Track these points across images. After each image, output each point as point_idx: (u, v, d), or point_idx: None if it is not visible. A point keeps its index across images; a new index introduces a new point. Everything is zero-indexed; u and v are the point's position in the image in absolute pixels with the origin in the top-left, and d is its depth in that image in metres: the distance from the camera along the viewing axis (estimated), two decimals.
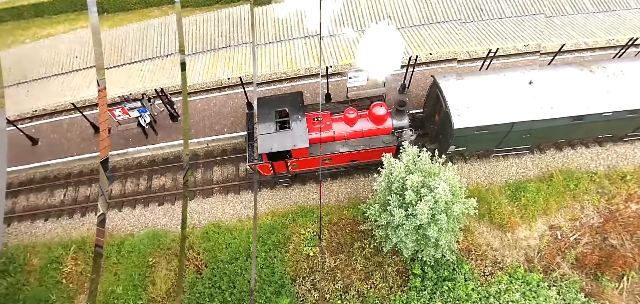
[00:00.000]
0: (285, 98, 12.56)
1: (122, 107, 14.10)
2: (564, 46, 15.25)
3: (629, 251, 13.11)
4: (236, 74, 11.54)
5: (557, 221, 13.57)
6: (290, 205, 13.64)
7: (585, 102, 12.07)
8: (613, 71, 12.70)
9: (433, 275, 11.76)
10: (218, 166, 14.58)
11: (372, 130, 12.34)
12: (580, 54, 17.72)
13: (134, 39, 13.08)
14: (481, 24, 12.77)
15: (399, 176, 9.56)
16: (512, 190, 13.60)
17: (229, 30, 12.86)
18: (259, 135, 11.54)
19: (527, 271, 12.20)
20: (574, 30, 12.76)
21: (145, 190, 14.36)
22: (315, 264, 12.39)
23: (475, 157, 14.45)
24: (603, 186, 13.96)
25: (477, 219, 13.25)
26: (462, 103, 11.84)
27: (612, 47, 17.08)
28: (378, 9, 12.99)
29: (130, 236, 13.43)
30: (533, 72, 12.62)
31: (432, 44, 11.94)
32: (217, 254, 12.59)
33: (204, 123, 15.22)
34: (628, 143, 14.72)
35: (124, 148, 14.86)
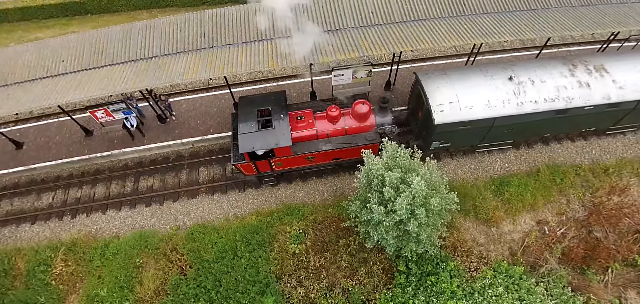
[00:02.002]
0: (268, 97, 12.61)
1: (105, 109, 14.13)
2: (550, 40, 15.36)
3: (613, 243, 13.20)
4: (218, 74, 11.56)
5: (545, 216, 13.66)
6: (276, 204, 13.68)
7: (566, 97, 12.14)
8: (594, 66, 12.76)
9: (417, 271, 11.82)
10: (204, 166, 14.62)
11: (356, 128, 12.39)
12: (568, 49, 17.84)
13: (116, 41, 13.06)
14: (463, 20, 12.80)
15: (378, 173, 9.60)
16: (496, 185, 13.67)
17: (212, 31, 12.87)
18: (240, 134, 11.58)
19: (510, 265, 12.25)
20: (557, 25, 12.79)
21: (131, 191, 14.39)
22: (301, 262, 12.44)
23: (461, 153, 14.52)
24: (587, 180, 14.05)
25: (463, 215, 13.32)
26: (444, 100, 11.89)
27: (598, 41, 17.16)
28: (360, 6, 13.02)
29: (115, 238, 13.45)
30: (515, 67, 12.68)
31: (413, 40, 11.97)
32: (203, 254, 12.63)
33: (189, 123, 15.26)
34: (610, 137, 14.83)
35: (109, 150, 14.87)
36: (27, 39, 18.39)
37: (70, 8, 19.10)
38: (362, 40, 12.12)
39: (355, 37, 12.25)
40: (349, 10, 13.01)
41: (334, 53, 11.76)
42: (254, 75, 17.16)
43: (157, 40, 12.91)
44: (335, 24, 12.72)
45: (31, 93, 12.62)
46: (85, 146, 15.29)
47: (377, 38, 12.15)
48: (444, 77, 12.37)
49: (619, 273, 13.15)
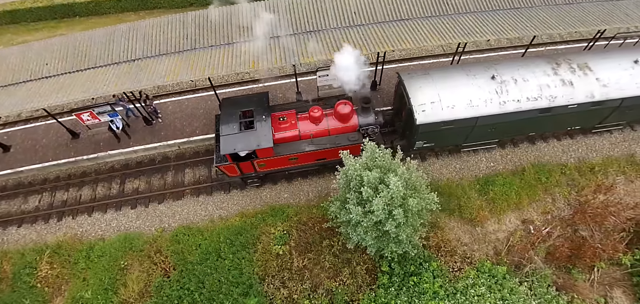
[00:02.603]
0: (250, 98, 12.61)
1: (90, 111, 14.14)
2: (536, 39, 15.34)
3: (598, 242, 13.15)
4: (199, 76, 11.56)
5: (530, 215, 13.63)
6: (261, 205, 13.68)
7: (549, 95, 12.11)
8: (578, 64, 12.73)
9: (400, 271, 11.81)
10: (190, 168, 14.62)
11: (338, 128, 12.38)
12: (555, 47, 17.79)
13: (100, 44, 13.06)
14: (446, 19, 12.77)
15: (356, 173, 9.59)
16: (481, 184, 13.65)
17: (195, 32, 12.86)
18: (222, 135, 11.58)
19: (494, 265, 12.23)
20: (540, 23, 12.74)
21: (117, 193, 14.41)
22: (284, 263, 12.44)
23: (446, 153, 14.49)
24: (573, 179, 14.02)
25: (448, 214, 13.31)
26: (426, 99, 11.87)
27: (585, 39, 17.11)
28: (343, 6, 13.00)
29: (100, 240, 13.46)
30: (498, 66, 12.66)
31: (394, 40, 11.96)
32: (187, 256, 12.64)
33: (175, 125, 15.27)
34: (597, 135, 14.78)
35: (95, 153, 14.89)
36: (15, 41, 18.43)
37: (59, 11, 19.12)
38: (344, 41, 12.11)
39: (337, 38, 12.23)
40: (332, 10, 13.00)
41: (315, 54, 11.76)
42: (241, 76, 17.16)
43: (140, 43, 12.92)
44: (318, 25, 12.71)
45: (14, 97, 12.63)
46: (71, 148, 15.32)
47: (358, 38, 12.14)
48: (426, 77, 12.36)
49: (605, 272, 13.13)
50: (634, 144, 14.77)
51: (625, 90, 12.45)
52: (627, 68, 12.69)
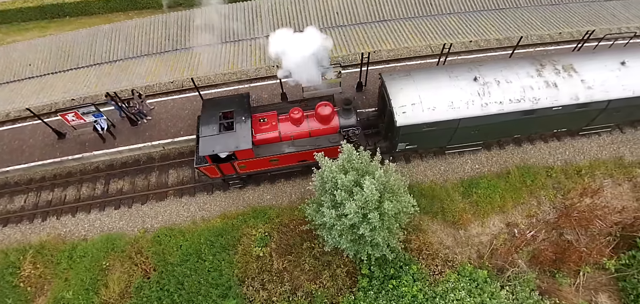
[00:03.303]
0: (231, 99, 12.56)
1: (75, 112, 14.19)
2: (524, 40, 15.17)
3: (584, 245, 12.98)
4: (178, 77, 11.53)
5: (514, 218, 13.48)
6: (244, 206, 13.64)
7: (532, 97, 11.95)
8: (563, 65, 12.56)
9: (380, 274, 11.71)
10: (174, 169, 14.61)
11: (319, 130, 12.30)
12: (545, 48, 17.60)
13: (82, 44, 13.08)
14: (429, 20, 12.64)
15: (330, 176, 9.51)
16: (465, 186, 13.51)
17: (177, 33, 12.83)
18: (201, 137, 11.54)
19: (475, 268, 12.10)
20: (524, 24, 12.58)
21: (101, 194, 14.42)
22: (264, 265, 12.38)
23: (431, 154, 14.37)
24: (559, 181, 13.85)
25: (431, 217, 13.20)
26: (407, 101, 11.77)
27: (575, 40, 16.91)
28: (325, 7, 12.92)
29: (83, 241, 13.48)
30: (481, 68, 12.52)
31: (376, 41, 11.85)
32: (167, 257, 12.63)
33: (160, 126, 15.26)
34: (585, 137, 14.59)
35: (80, 153, 14.92)
36: (5, 42, 18.52)
37: (49, 11, 19.21)
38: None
39: None
40: (314, 11, 12.91)
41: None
42: (228, 76, 17.13)
43: (123, 44, 12.91)
44: (300, 25, 12.61)
45: None
46: (57, 149, 15.36)
47: (340, 39, 12.04)
48: (408, 78, 12.25)
49: (591, 276, 12.96)
50: (623, 147, 14.56)
51: (611, 92, 12.27)
52: (614, 69, 12.51)
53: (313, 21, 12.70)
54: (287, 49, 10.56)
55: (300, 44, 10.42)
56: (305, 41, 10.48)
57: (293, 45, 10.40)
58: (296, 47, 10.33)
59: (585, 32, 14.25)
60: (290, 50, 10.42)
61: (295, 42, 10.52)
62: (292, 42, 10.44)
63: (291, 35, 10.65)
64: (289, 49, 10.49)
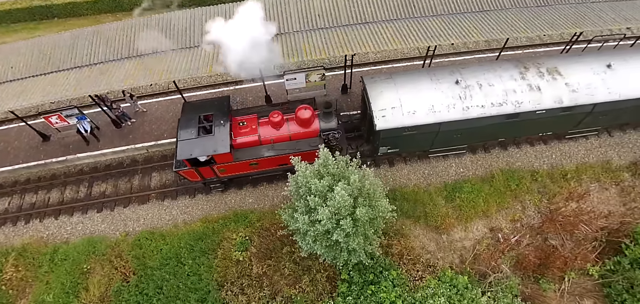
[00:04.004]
0: (211, 102, 12.48)
1: (58, 114, 14.16)
2: (514, 41, 15.00)
3: (569, 251, 12.82)
4: (156, 80, 11.47)
5: (498, 223, 13.32)
6: (225, 209, 13.56)
7: (515, 101, 11.78)
8: (547, 68, 12.38)
9: (359, 280, 11.59)
10: (157, 172, 14.56)
11: (300, 133, 12.19)
12: (534, 50, 17.41)
13: (64, 47, 13.03)
14: (411, 22, 12.47)
15: (304, 180, 9.40)
16: (449, 190, 13.36)
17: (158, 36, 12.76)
18: (179, 141, 11.47)
19: (456, 274, 11.96)
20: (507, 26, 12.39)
21: (84, 196, 14.39)
22: (244, 269, 12.30)
23: (415, 158, 14.22)
24: (545, 185, 13.68)
25: (413, 221, 13.07)
26: (387, 105, 11.64)
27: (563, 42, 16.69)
28: (307, 9, 12.79)
29: (65, 243, 13.46)
30: (463, 71, 12.36)
31: (356, 43, 11.72)
32: (147, 261, 12.57)
33: (144, 128, 15.21)
34: (572, 140, 14.40)
35: (64, 156, 14.90)
36: None
37: (38, 12, 19.22)
38: (304, 44, 11.91)
39: (298, 41, 12.03)
40: (296, 13, 12.79)
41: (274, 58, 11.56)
42: (214, 78, 17.04)
43: (103, 46, 12.85)
44: (281, 28, 12.50)
45: None
46: (42, 151, 15.34)
47: (320, 42, 11.93)
48: (389, 81, 12.11)
49: (576, 282, 12.79)
50: (611, 150, 14.37)
51: (596, 96, 12.08)
52: (599, 72, 12.32)
53: (294, 23, 12.61)
54: (223, 38, 9.45)
55: (235, 31, 9.20)
56: (241, 26, 9.20)
57: (228, 32, 9.22)
58: (231, 35, 9.15)
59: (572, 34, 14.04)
60: (226, 39, 9.27)
61: (230, 29, 9.27)
62: (227, 30, 9.24)
63: (227, 22, 9.44)
64: (224, 38, 9.34)
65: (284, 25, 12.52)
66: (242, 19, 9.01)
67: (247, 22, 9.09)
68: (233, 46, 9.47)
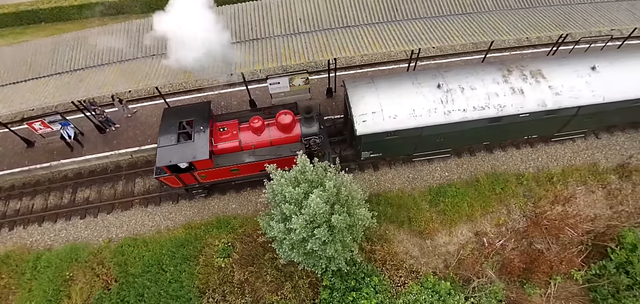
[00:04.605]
0: (192, 108, 12.39)
1: (41, 120, 14.11)
2: (502, 43, 14.87)
3: (555, 255, 12.72)
4: (134, 87, 11.37)
5: (483, 227, 13.21)
6: (209, 215, 13.47)
7: (497, 104, 11.65)
8: (530, 71, 12.26)
9: (341, 286, 11.49)
10: (141, 178, 14.47)
11: (281, 139, 12.09)
12: (521, 51, 17.27)
13: (45, 53, 12.96)
14: (393, 26, 12.36)
15: (279, 188, 9.31)
16: (433, 194, 13.25)
17: (140, 41, 12.68)
18: (158, 147, 11.38)
19: (439, 279, 11.85)
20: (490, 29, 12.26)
21: (68, 203, 14.32)
22: (226, 276, 12.22)
23: (400, 162, 14.11)
24: (531, 189, 13.56)
25: (397, 226, 12.96)
26: (367, 109, 11.53)
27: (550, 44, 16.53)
28: (289, 13, 12.69)
29: (48, 250, 13.39)
30: (446, 74, 12.24)
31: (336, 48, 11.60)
32: (129, 268, 12.50)
33: (128, 133, 15.13)
34: (558, 143, 14.26)
35: (49, 162, 14.83)
36: None
37: (25, 17, 19.17)
38: (284, 49, 11.81)
39: (278, 46, 11.92)
40: (277, 17, 12.69)
41: (253, 64, 11.47)
42: (200, 83, 16.93)
43: (84, 52, 12.78)
44: (262, 32, 12.41)
45: None
46: (26, 157, 15.28)
47: (300, 46, 11.81)
48: (370, 86, 12.00)
49: (562, 286, 12.70)
50: (598, 152, 14.24)
51: (580, 99, 11.94)
52: (583, 75, 12.18)
53: (276, 28, 12.50)
54: (169, 30, 9.13)
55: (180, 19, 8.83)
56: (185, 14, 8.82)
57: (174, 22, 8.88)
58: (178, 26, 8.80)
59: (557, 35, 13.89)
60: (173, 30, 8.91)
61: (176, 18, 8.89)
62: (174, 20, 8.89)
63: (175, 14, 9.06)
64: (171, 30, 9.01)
65: (265, 30, 12.42)
66: (187, 9, 8.62)
67: (192, 11, 8.83)
68: (182, 39, 9.18)
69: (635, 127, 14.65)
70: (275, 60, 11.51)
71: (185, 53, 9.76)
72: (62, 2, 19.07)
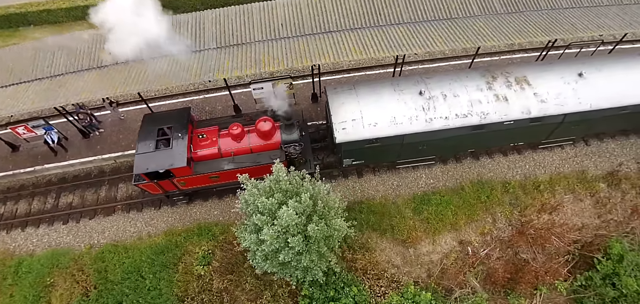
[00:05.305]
0: (171, 114, 12.28)
1: (25, 125, 14.07)
2: (482, 47, 14.58)
3: (541, 264, 12.47)
4: (112, 93, 11.28)
5: (468, 236, 12.99)
6: (190, 222, 13.36)
7: (480, 112, 11.42)
8: (515, 78, 12.01)
9: (320, 296, 11.34)
10: (124, 183, 14.39)
11: (261, 146, 11.95)
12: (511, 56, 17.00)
13: (26, 59, 12.90)
14: (375, 31, 12.15)
15: (252, 198, 9.17)
16: (417, 202, 13.05)
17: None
18: (136, 154, 11.28)
19: (420, 289, 11.66)
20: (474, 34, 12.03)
21: (51, 208, 14.28)
22: (205, 284, 12.11)
23: (384, 169, 13.91)
24: (517, 197, 13.31)
25: (380, 235, 12.78)
26: (347, 117, 11.35)
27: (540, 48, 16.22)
28: (270, 18, 12.53)
29: (30, 256, 13.36)
30: (428, 81, 12.03)
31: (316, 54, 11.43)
32: (109, 274, 12.43)
33: (112, 138, 15.06)
34: (547, 150, 13.99)
35: (33, 166, 14.80)
36: None
37: (13, 19, 19.15)
38: (264, 55, 11.66)
39: (258, 52, 11.77)
40: (258, 22, 12.54)
41: (232, 70, 11.33)
42: (185, 87, 16.82)
43: (65, 58, 12.69)
44: (243, 38, 12.26)
45: None
46: (10, 162, 15.25)
47: (279, 52, 11.66)
48: (351, 92, 11.82)
49: (548, 297, 12.45)
50: (587, 160, 13.95)
51: (566, 106, 11.68)
52: (570, 82, 11.92)
53: (257, 33, 12.35)
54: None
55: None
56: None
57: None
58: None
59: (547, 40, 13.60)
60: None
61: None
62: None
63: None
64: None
65: (246, 35, 12.27)
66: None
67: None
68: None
69: (626, 134, 14.36)
70: (254, 66, 11.35)
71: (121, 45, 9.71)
72: (50, 5, 19.03)
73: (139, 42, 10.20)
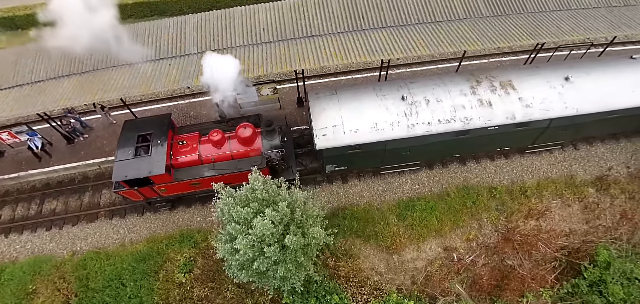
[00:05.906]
0: (152, 121, 12.16)
1: (8, 131, 14.00)
2: (466, 53, 14.45)
3: (528, 271, 12.30)
4: (90, 100, 11.16)
5: (453, 242, 12.81)
6: (173, 228, 13.24)
7: (463, 117, 11.24)
8: (500, 82, 11.82)
9: None
10: (107, 189, 14.28)
11: (242, 152, 11.81)
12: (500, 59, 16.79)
13: (7, 64, 12.81)
14: (358, 35, 11.98)
15: (226, 207, 9.02)
16: (402, 208, 12.88)
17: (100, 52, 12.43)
18: (116, 161, 11.17)
19: (403, 297, 11.50)
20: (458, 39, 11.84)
21: (35, 214, 14.19)
22: (186, 292, 11.99)
23: (369, 174, 13.74)
24: (503, 202, 13.12)
25: (364, 241, 12.62)
26: (328, 123, 11.18)
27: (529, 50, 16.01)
28: (252, 23, 12.38)
29: (12, 263, 13.27)
30: (411, 85, 11.85)
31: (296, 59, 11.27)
32: (90, 282, 12.32)
33: (96, 144, 14.95)
34: (535, 154, 13.79)
35: (17, 172, 14.72)
36: None
37: (1, 23, 19.11)
38: (245, 60, 11.51)
39: (239, 57, 11.59)
40: (240, 27, 12.38)
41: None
42: (172, 92, 16.71)
43: (46, 64, 12.59)
44: (224, 42, 12.12)
45: None
46: None
47: (260, 57, 11.51)
48: (332, 98, 11.66)
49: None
50: (575, 164, 13.74)
51: (551, 111, 11.47)
52: (556, 86, 11.72)
53: (238, 38, 12.20)
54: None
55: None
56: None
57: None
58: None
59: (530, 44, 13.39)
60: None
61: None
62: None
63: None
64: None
65: (227, 40, 12.12)
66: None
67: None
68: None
69: (616, 138, 14.14)
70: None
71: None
72: (37, 9, 18.90)
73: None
